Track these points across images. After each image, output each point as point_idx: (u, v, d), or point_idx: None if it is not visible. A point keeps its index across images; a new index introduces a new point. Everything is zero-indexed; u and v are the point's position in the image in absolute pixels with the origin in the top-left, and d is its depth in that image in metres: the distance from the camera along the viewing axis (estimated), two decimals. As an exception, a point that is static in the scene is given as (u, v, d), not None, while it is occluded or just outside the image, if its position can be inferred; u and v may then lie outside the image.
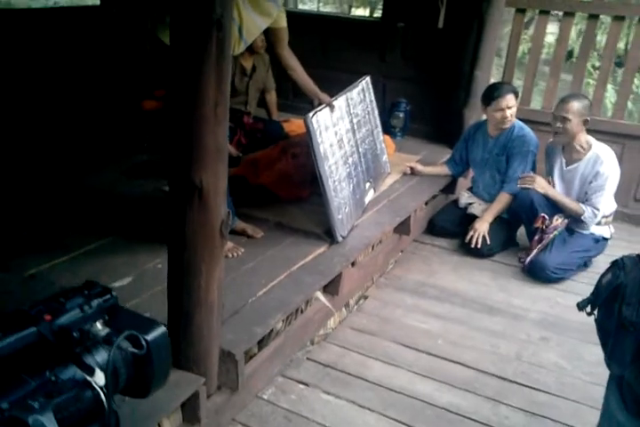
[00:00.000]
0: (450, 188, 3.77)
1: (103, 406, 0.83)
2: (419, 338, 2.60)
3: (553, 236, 3.12)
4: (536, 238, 3.17)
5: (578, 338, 2.65)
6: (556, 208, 3.16)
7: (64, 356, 0.79)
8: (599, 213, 3.12)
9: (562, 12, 3.99)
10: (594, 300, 1.35)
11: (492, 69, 4.17)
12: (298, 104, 4.29)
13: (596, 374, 2.40)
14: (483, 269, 3.24)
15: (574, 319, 2.77)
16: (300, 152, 3.01)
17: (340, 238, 2.63)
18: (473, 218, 3.42)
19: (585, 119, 3.06)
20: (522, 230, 3.46)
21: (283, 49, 2.57)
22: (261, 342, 2.15)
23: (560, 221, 3.15)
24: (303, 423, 2.09)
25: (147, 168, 3.28)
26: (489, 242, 3.27)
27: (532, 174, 3.24)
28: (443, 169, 3.67)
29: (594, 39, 4.05)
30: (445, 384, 2.32)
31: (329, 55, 4.45)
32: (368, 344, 2.54)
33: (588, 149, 3.12)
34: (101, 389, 0.80)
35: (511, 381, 2.36)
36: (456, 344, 2.57)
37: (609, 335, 1.30)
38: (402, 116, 4.18)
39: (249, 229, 2.63)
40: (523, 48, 5.65)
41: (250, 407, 2.12)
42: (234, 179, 2.43)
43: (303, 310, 2.40)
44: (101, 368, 0.80)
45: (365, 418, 2.13)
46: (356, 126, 2.97)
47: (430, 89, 4.21)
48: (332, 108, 2.67)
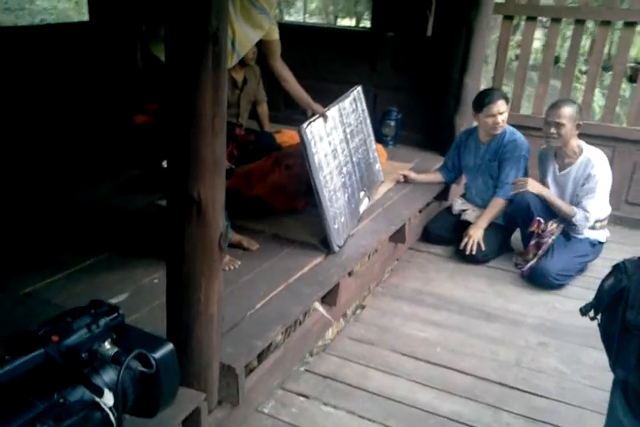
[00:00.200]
0: (443, 195, 3.79)
1: (113, 427, 0.82)
2: (417, 347, 2.59)
3: (552, 241, 3.13)
4: (532, 243, 3.18)
5: (576, 342, 2.66)
6: (551, 213, 3.18)
7: (72, 377, 0.78)
8: (590, 216, 3.13)
9: (548, 19, 4.04)
10: (597, 304, 1.35)
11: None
12: (289, 115, 4.31)
13: (595, 377, 2.41)
14: (479, 276, 3.25)
15: (572, 324, 2.78)
16: (294, 163, 3.01)
17: (337, 248, 2.63)
18: (467, 224, 3.43)
19: (577, 123, 3.09)
20: (516, 235, 3.47)
21: (275, 61, 2.58)
22: (261, 354, 2.13)
23: (555, 226, 3.16)
24: (305, 436, 2.07)
25: (139, 183, 3.27)
26: (484, 248, 3.28)
27: (524, 177, 3.26)
28: (436, 176, 3.68)
29: (580, 44, 4.08)
30: (446, 392, 2.31)
31: (319, 66, 4.47)
32: (367, 354, 2.53)
33: (579, 154, 3.14)
34: (110, 409, 0.79)
35: (511, 387, 2.35)
36: (455, 352, 2.57)
37: (613, 340, 1.29)
38: (393, 124, 4.20)
39: (245, 242, 2.62)
40: (509, 54, 5.68)
41: (250, 422, 2.10)
42: (227, 191, 2.42)
43: (302, 322, 2.39)
44: (110, 388, 0.78)
45: (367, 429, 2.12)
46: (349, 136, 2.98)
47: (421, 97, 4.23)
48: (325, 118, 2.67)
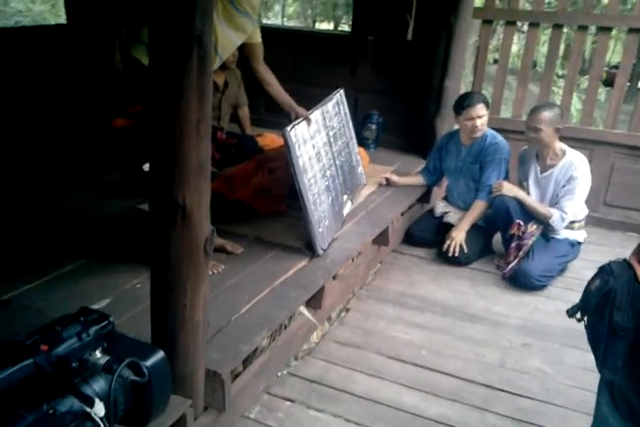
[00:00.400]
0: (425, 197, 3.80)
1: (105, 438, 0.79)
2: (403, 349, 2.59)
3: (532, 242, 3.16)
4: (513, 245, 3.20)
5: (559, 343, 2.68)
6: (531, 215, 3.20)
7: (62, 387, 0.76)
8: (567, 217, 3.17)
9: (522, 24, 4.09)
10: (583, 306, 1.36)
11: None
12: (270, 118, 4.30)
13: (578, 378, 2.44)
14: (461, 278, 3.26)
15: (554, 325, 2.82)
16: (277, 166, 3.00)
17: (321, 251, 2.62)
18: (449, 227, 3.45)
19: (556, 127, 3.11)
20: (497, 237, 3.50)
21: (258, 64, 2.57)
22: (246, 359, 2.11)
23: (535, 227, 3.19)
24: (292, 441, 2.06)
25: (119, 187, 3.23)
26: (466, 250, 3.30)
27: (500, 181, 3.29)
28: (417, 179, 3.70)
29: (559, 48, 4.14)
30: (432, 395, 2.31)
31: (300, 70, 4.47)
32: (352, 357, 2.52)
33: (562, 156, 3.18)
34: (102, 420, 0.77)
35: (497, 388, 2.36)
36: (440, 354, 2.57)
37: (600, 341, 1.31)
38: (374, 127, 4.21)
39: (228, 246, 2.60)
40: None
41: (236, 428, 2.08)
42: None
43: (287, 326, 2.37)
44: (100, 398, 0.76)
45: (354, 433, 2.11)
46: (332, 139, 2.98)
47: (401, 101, 4.25)
48: (309, 121, 2.67)
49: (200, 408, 1.84)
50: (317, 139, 2.78)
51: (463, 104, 3.30)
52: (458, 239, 3.29)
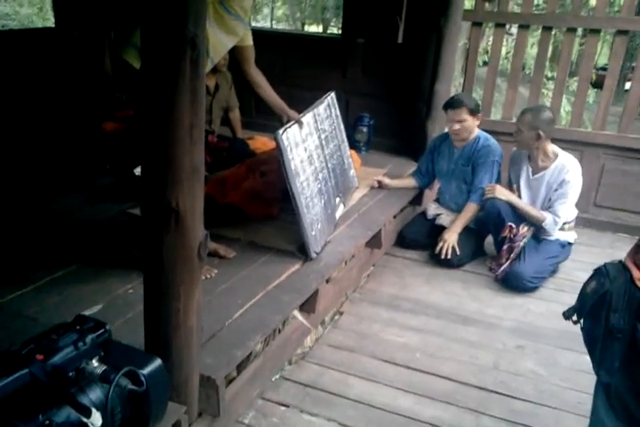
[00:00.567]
0: (417, 200, 3.80)
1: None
2: (397, 352, 2.59)
3: (523, 244, 3.17)
4: (505, 248, 3.21)
5: (552, 344, 2.69)
6: (522, 217, 3.21)
7: (58, 397, 0.74)
8: (559, 221, 3.18)
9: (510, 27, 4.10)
10: (579, 308, 1.36)
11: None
12: (261, 121, 4.29)
13: (571, 379, 2.45)
14: (454, 280, 3.26)
15: (547, 326, 2.82)
16: (268, 170, 2.99)
17: (314, 255, 2.61)
18: (441, 229, 3.45)
19: (537, 133, 3.08)
20: (489, 239, 3.51)
21: (250, 67, 2.56)
22: (240, 364, 2.10)
23: (526, 229, 3.21)
24: (287, 446, 2.05)
25: (109, 191, 3.20)
26: (459, 252, 3.30)
27: (492, 184, 3.29)
28: (409, 181, 3.69)
29: (548, 51, 4.16)
30: (427, 398, 2.31)
31: (290, 72, 4.45)
32: (347, 361, 2.51)
33: (554, 159, 3.18)
34: (99, 430, 0.75)
35: (491, 391, 2.36)
36: (434, 357, 2.57)
37: (597, 343, 1.30)
38: (365, 130, 4.21)
39: (221, 250, 2.58)
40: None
41: (231, 433, 2.07)
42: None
43: (281, 330, 2.36)
44: (97, 408, 0.75)
45: (349, 437, 2.10)
46: (324, 142, 2.97)
47: (392, 103, 4.26)
48: (300, 124, 2.66)
49: (194, 414, 1.83)
50: (309, 142, 2.77)
51: (446, 105, 3.34)
52: (450, 241, 3.29)
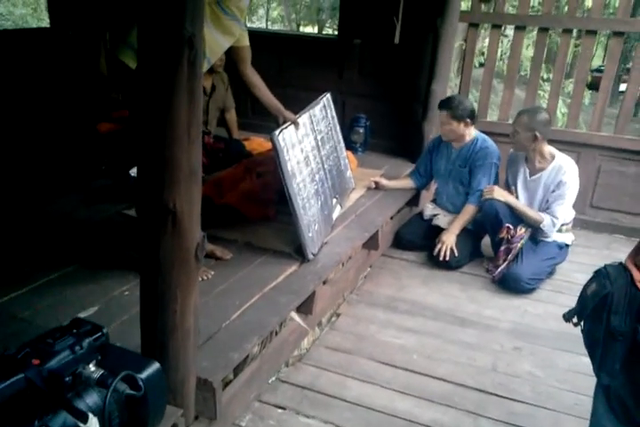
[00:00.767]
0: (414, 200, 3.80)
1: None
2: (394, 354, 2.57)
3: (520, 246, 3.17)
4: (502, 249, 3.20)
5: (549, 346, 2.68)
6: (520, 218, 3.21)
7: (54, 402, 0.72)
8: (557, 222, 3.17)
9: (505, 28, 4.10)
10: (580, 310, 1.35)
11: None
12: (257, 122, 4.28)
13: (569, 381, 2.44)
14: (451, 281, 3.26)
15: (544, 328, 2.82)
16: (265, 171, 2.98)
17: (311, 256, 2.60)
18: (438, 230, 3.44)
19: (534, 134, 3.08)
20: (486, 241, 3.50)
21: (246, 68, 2.55)
22: (237, 367, 2.08)
23: (524, 230, 3.20)
24: (285, 449, 2.03)
25: (105, 192, 3.18)
26: (457, 254, 3.29)
27: (491, 185, 3.28)
28: (407, 182, 3.69)
29: (544, 52, 4.16)
30: (425, 400, 2.30)
31: (286, 73, 4.45)
32: (344, 363, 2.50)
33: (551, 160, 3.18)
34: (95, 435, 0.74)
35: (489, 393, 2.36)
36: (432, 358, 2.56)
37: (597, 345, 1.29)
38: (362, 131, 4.21)
39: (217, 251, 2.56)
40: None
41: (228, 436, 2.05)
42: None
43: (278, 332, 2.35)
44: (94, 413, 0.73)
45: (347, 440, 2.09)
46: (320, 143, 2.96)
47: (389, 104, 4.25)
48: (297, 125, 2.65)
49: (191, 417, 1.81)
50: (305, 143, 2.76)
51: (438, 106, 3.36)
52: (448, 243, 3.29)
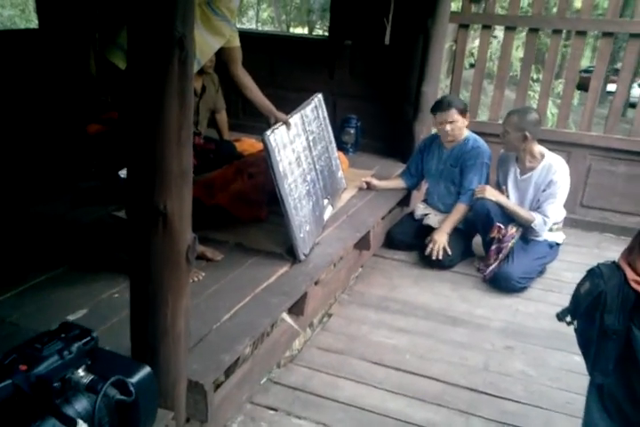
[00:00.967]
0: (405, 200, 3.80)
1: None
2: (386, 354, 2.57)
3: (511, 245, 3.18)
4: (493, 248, 3.21)
5: (541, 345, 2.69)
6: (510, 218, 3.22)
7: (42, 409, 0.71)
8: (549, 221, 3.19)
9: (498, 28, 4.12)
10: (573, 309, 1.35)
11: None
12: (248, 123, 4.27)
13: (560, 379, 2.45)
14: (443, 281, 3.26)
15: (535, 327, 2.83)
16: (256, 172, 2.97)
17: (303, 257, 2.59)
18: (429, 229, 3.45)
19: (524, 134, 3.10)
20: (477, 240, 3.51)
21: (237, 68, 2.53)
22: (228, 368, 2.07)
23: (515, 229, 3.21)
24: (277, 451, 2.02)
25: (94, 194, 3.16)
26: (450, 253, 3.29)
27: (482, 185, 3.29)
28: (398, 182, 3.69)
29: (534, 52, 4.18)
30: (417, 400, 2.29)
31: (277, 74, 4.44)
32: (336, 363, 2.50)
33: (541, 160, 3.19)
34: (85, 442, 0.72)
35: (481, 392, 2.36)
36: (424, 358, 2.56)
37: (591, 344, 1.29)
38: (353, 131, 4.21)
39: (208, 252, 2.55)
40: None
41: (220, 439, 2.04)
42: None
43: (269, 333, 2.34)
44: (84, 419, 0.72)
45: (340, 441, 2.08)
46: (312, 143, 2.95)
47: (380, 105, 4.26)
48: (288, 126, 2.64)
49: (182, 420, 1.79)
50: (297, 143, 2.75)
51: (434, 108, 3.33)
52: (440, 242, 3.29)
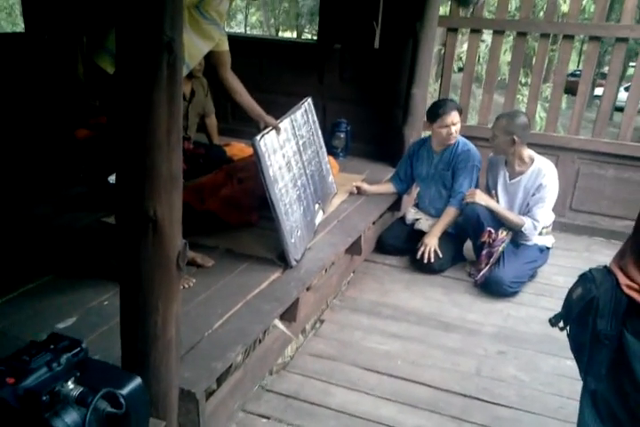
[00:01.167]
0: (395, 205, 3.80)
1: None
2: (379, 360, 2.56)
3: (502, 249, 3.18)
4: (484, 253, 3.21)
5: (533, 349, 2.69)
6: (501, 222, 3.22)
7: (31, 423, 0.69)
8: (539, 225, 3.19)
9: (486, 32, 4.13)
10: (566, 315, 1.34)
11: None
12: (238, 127, 4.26)
13: (554, 384, 2.44)
14: (434, 286, 3.25)
15: (527, 331, 2.83)
16: (246, 176, 2.95)
17: (294, 262, 2.57)
18: (420, 234, 3.45)
19: (512, 138, 3.10)
20: (467, 244, 3.51)
21: (226, 72, 2.52)
22: (220, 376, 2.05)
23: (505, 233, 3.21)
24: (270, 460, 2.00)
25: (83, 200, 3.13)
26: (441, 256, 3.29)
27: (472, 189, 3.30)
28: (388, 187, 3.69)
29: (522, 56, 4.19)
30: (409, 406, 2.28)
31: (266, 78, 4.42)
32: (328, 370, 2.48)
33: (530, 163, 3.20)
34: (74, 457, 0.70)
35: (474, 397, 2.35)
36: (416, 364, 2.55)
37: (584, 349, 1.29)
38: (343, 136, 4.20)
39: (199, 258, 2.53)
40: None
41: (212, 448, 2.01)
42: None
43: (261, 340, 2.31)
44: (72, 433, 0.70)
45: (333, 448, 2.07)
46: (302, 148, 2.94)
47: (370, 109, 4.25)
48: (278, 130, 2.63)
49: (174, 430, 1.77)
50: (287, 148, 2.74)
51: (438, 111, 3.30)
52: (431, 245, 3.28)
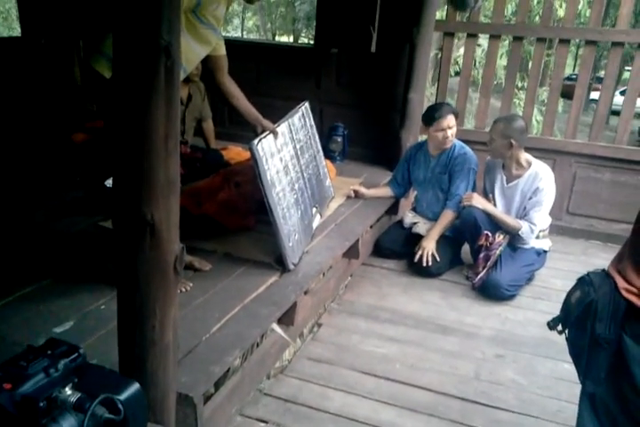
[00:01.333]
0: (393, 209, 3.80)
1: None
2: (377, 364, 2.55)
3: (499, 252, 3.18)
4: (481, 256, 3.21)
5: (531, 353, 2.69)
6: (498, 225, 3.22)
7: (27, 429, 0.69)
8: (535, 229, 3.20)
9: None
10: (564, 318, 1.34)
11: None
12: (235, 131, 4.24)
13: (552, 388, 2.44)
14: (432, 289, 3.25)
15: (525, 335, 2.83)
16: (244, 180, 2.94)
17: (292, 266, 2.57)
18: (418, 237, 3.44)
19: (510, 142, 3.11)
20: (465, 248, 3.51)
21: (223, 77, 2.52)
22: (218, 380, 2.04)
23: (502, 237, 3.22)
24: (268, 465, 1.99)
25: (80, 204, 3.12)
26: (438, 259, 3.29)
27: (470, 192, 3.30)
28: (385, 191, 3.69)
29: (519, 60, 4.21)
30: (408, 410, 2.27)
31: (263, 82, 4.43)
32: (326, 374, 2.47)
33: (527, 167, 3.21)
34: (72, 463, 0.70)
35: (472, 401, 2.34)
36: (414, 368, 2.54)
37: (582, 353, 1.29)
38: (340, 140, 4.21)
39: (196, 262, 2.52)
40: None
41: (209, 453, 2.00)
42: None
43: (259, 344, 2.31)
44: (70, 438, 0.70)
45: (332, 453, 2.06)
46: (299, 152, 2.94)
47: (366, 113, 4.26)
48: (275, 134, 2.63)
49: (171, 434, 1.77)
50: (284, 152, 2.74)
51: (434, 115, 3.30)
52: (429, 249, 3.28)
